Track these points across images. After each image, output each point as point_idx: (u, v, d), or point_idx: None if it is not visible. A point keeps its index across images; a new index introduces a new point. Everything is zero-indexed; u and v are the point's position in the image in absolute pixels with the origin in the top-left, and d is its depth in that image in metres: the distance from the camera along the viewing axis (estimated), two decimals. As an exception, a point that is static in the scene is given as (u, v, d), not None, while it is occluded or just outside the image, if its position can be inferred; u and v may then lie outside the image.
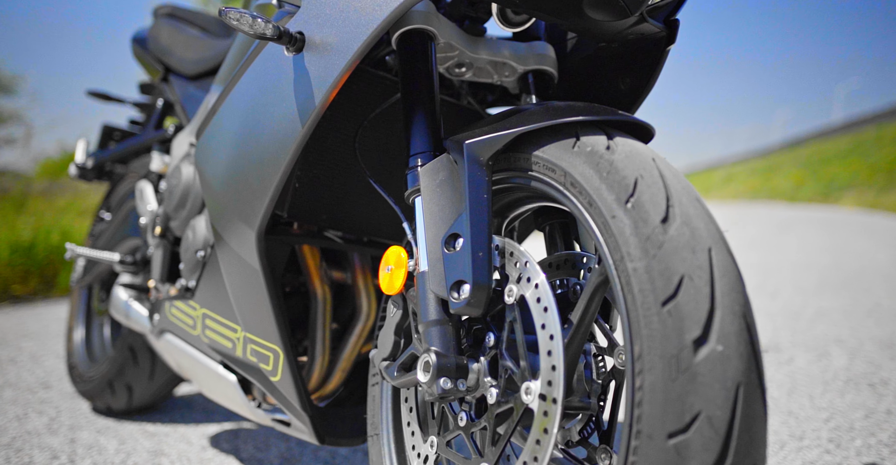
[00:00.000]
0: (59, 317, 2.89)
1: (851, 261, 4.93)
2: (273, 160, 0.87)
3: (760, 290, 3.53)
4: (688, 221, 0.62)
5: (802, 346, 2.25)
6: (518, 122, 0.75)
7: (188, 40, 1.46)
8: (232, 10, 0.78)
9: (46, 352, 2.25)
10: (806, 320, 2.69)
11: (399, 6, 0.73)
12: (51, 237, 3.59)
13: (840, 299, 3.23)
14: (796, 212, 16.63)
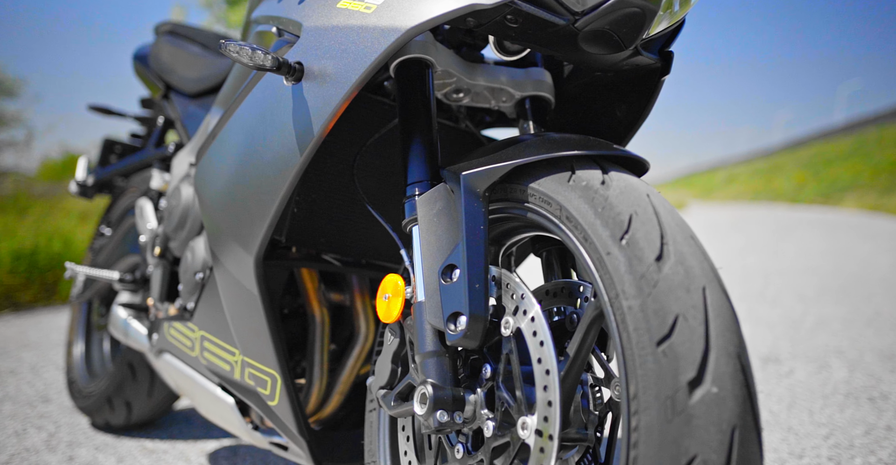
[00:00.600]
0: (60, 326, 2.89)
1: (852, 266, 4.92)
2: (271, 187, 0.88)
3: (761, 297, 3.52)
4: (682, 259, 0.62)
5: (802, 357, 2.24)
6: (514, 154, 0.75)
7: (189, 58, 1.47)
8: (231, 42, 0.78)
9: (46, 363, 2.25)
10: (806, 330, 2.69)
11: (398, 40, 0.73)
12: (52, 244, 3.59)
13: (840, 306, 3.22)
14: (797, 213, 16.61)
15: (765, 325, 2.80)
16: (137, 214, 1.40)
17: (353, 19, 0.78)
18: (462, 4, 0.71)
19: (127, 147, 1.73)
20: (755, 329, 2.72)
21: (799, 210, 19.67)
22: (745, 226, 11.07)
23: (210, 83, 1.36)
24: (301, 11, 0.87)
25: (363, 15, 0.77)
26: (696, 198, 36.40)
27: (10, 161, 13.50)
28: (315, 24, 0.83)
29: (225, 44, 0.79)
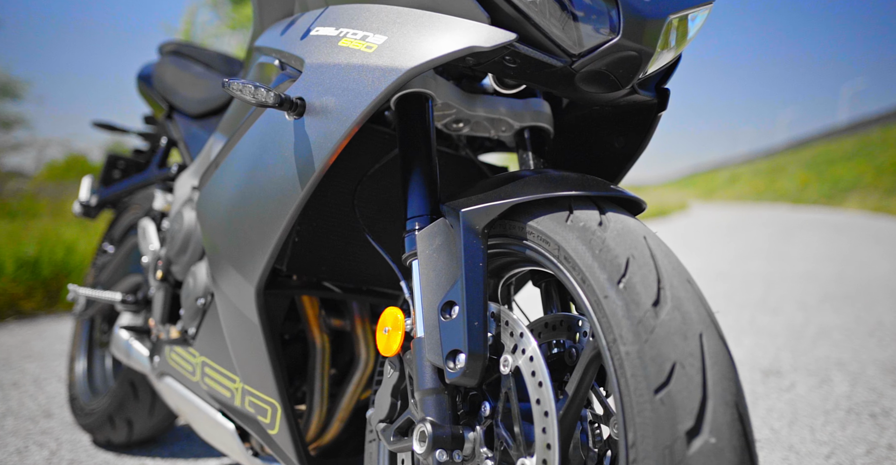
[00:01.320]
0: (63, 335, 2.90)
1: (855, 271, 4.91)
2: (273, 219, 0.88)
3: (763, 305, 3.52)
4: (679, 304, 0.62)
5: (804, 370, 2.24)
6: (513, 191, 0.76)
7: (192, 79, 1.48)
8: (235, 80, 0.79)
9: (49, 375, 2.26)
10: (808, 341, 2.69)
11: (398, 79, 0.74)
12: (56, 252, 3.60)
13: (842, 315, 3.22)
14: (800, 214, 16.59)
15: (766, 335, 2.80)
16: (140, 235, 1.41)
17: (355, 58, 0.79)
18: (461, 47, 0.72)
19: (130, 162, 1.74)
20: (757, 339, 2.72)
21: (801, 211, 19.64)
22: (747, 228, 11.06)
23: (213, 105, 1.37)
24: (304, 47, 0.87)
25: (364, 54, 0.78)
26: (698, 198, 36.36)
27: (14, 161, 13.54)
28: (317, 61, 0.83)
29: (228, 82, 0.79)
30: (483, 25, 0.72)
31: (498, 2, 0.72)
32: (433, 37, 0.74)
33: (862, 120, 33.39)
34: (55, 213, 6.73)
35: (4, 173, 13.36)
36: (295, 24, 0.95)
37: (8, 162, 13.90)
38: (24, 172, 17.69)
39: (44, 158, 11.77)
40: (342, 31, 0.83)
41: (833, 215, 16.08)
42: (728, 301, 3.65)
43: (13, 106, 12.43)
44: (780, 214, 17.65)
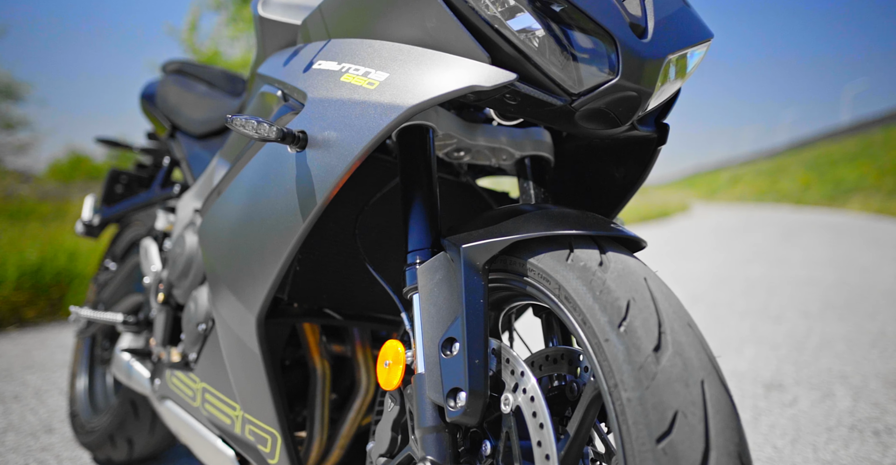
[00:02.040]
0: (64, 344, 2.90)
1: (857, 277, 4.90)
2: (274, 250, 0.88)
3: (764, 313, 3.51)
4: (680, 350, 0.62)
5: (806, 384, 2.23)
6: (514, 228, 0.76)
7: (195, 100, 1.48)
8: (237, 117, 0.80)
9: (51, 387, 2.26)
10: (810, 352, 2.68)
11: (399, 116, 0.74)
12: (58, 258, 3.60)
13: (845, 324, 3.21)
14: (802, 215, 16.55)
15: (769, 345, 2.79)
16: (142, 255, 1.41)
17: (357, 94, 0.79)
18: (462, 86, 0.72)
19: (132, 177, 1.74)
20: (759, 350, 2.71)
21: (804, 212, 19.60)
22: (748, 230, 11.04)
23: (216, 125, 1.37)
24: (306, 81, 0.87)
25: (366, 90, 0.78)
26: (700, 199, 36.31)
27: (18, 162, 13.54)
28: (319, 95, 0.83)
29: (231, 118, 0.80)
30: (483, 65, 0.72)
31: (498, 41, 0.72)
32: (434, 75, 0.74)
33: (864, 121, 33.31)
34: (59, 215, 6.74)
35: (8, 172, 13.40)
36: (298, 56, 0.95)
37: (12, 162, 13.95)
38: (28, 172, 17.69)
39: (48, 157, 11.82)
40: (344, 66, 0.83)
41: (835, 217, 16.06)
42: (730, 309, 3.64)
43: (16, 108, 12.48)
44: (782, 215, 17.63)
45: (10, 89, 12.32)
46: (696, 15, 0.80)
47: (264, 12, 1.10)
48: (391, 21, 0.80)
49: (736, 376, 2.31)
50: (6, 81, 12.17)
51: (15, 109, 12.61)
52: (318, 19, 0.93)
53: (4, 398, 2.13)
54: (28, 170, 16.75)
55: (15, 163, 14.00)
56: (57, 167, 24.73)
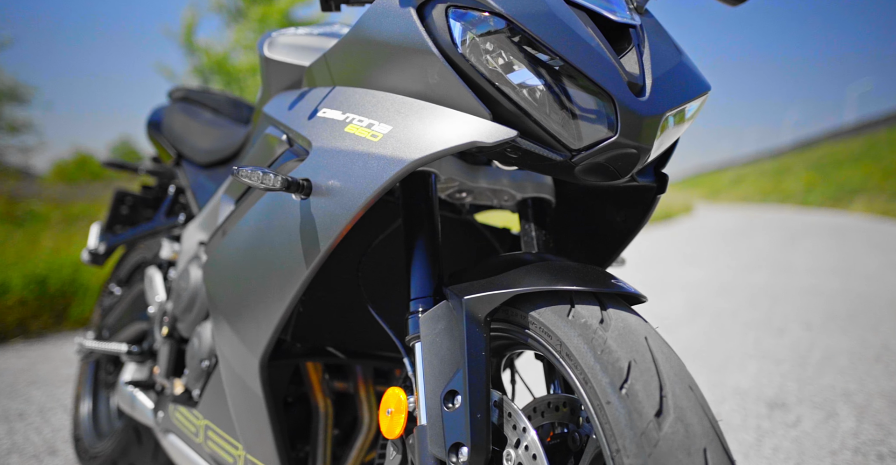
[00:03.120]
0: (69, 358, 2.92)
1: (860, 285, 4.89)
2: (277, 295, 0.89)
3: (767, 325, 3.51)
4: (682, 416, 0.62)
5: (809, 402, 2.23)
6: (515, 280, 0.76)
7: (201, 129, 1.49)
8: (243, 168, 0.80)
9: (55, 404, 2.27)
10: (813, 367, 2.67)
11: (402, 170, 0.74)
12: (63, 270, 3.62)
13: (848, 337, 3.20)
14: (806, 217, 16.50)
15: (772, 360, 2.79)
16: (147, 284, 1.42)
17: (361, 145, 0.79)
18: (464, 141, 0.72)
19: (138, 199, 1.75)
20: (762, 365, 2.71)
21: (808, 213, 19.54)
22: (752, 232, 11.01)
23: (221, 155, 1.38)
24: (311, 128, 0.88)
25: (370, 142, 0.79)
26: (703, 199, 36.23)
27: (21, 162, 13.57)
28: (324, 144, 0.84)
29: (237, 170, 0.81)
30: (485, 121, 0.72)
31: (498, 98, 0.73)
32: (436, 130, 0.74)
33: (869, 121, 33.18)
34: (64, 218, 6.76)
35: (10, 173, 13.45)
36: (303, 101, 0.95)
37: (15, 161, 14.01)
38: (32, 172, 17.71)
39: (52, 157, 11.91)
40: (349, 117, 0.84)
41: (839, 218, 16.01)
42: (733, 319, 3.64)
43: (21, 111, 12.53)
44: (785, 216, 17.58)
45: (15, 93, 12.36)
46: (693, 68, 0.81)
47: (270, 53, 1.11)
48: (394, 74, 0.81)
49: (739, 394, 2.31)
50: (11, 85, 12.20)
51: (20, 113, 12.67)
52: (322, 66, 0.93)
53: (9, 416, 2.14)
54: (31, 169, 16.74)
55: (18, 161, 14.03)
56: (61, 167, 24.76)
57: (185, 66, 13.77)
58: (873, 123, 33.01)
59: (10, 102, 12.58)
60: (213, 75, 13.19)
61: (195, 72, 13.55)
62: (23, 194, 8.44)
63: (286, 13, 13.21)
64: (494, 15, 0.72)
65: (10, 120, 12.48)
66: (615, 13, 0.76)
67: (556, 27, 0.70)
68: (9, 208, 6.88)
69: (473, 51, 0.73)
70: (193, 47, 13.05)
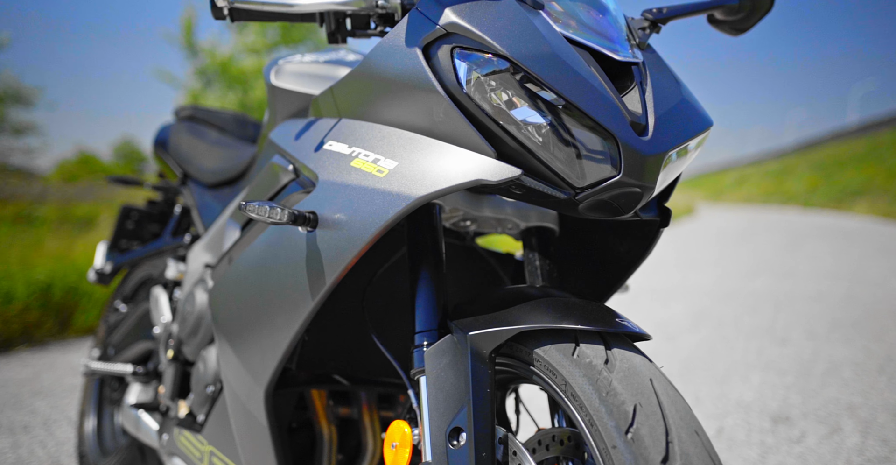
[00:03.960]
0: (73, 367, 2.92)
1: (864, 291, 4.88)
2: (283, 327, 0.89)
3: (771, 334, 3.50)
4: (688, 462, 0.63)
5: (813, 416, 2.23)
6: (520, 316, 0.77)
7: (207, 149, 1.50)
8: (251, 203, 0.81)
9: (59, 416, 2.27)
10: (817, 379, 2.67)
11: (407, 206, 0.75)
12: (68, 277, 3.62)
13: (852, 347, 3.20)
14: (809, 218, 16.45)
15: (775, 371, 2.78)
16: (152, 304, 1.42)
17: (367, 181, 0.80)
18: (469, 179, 0.73)
19: (143, 213, 1.76)
20: (766, 377, 2.70)
21: (810, 215, 19.49)
22: (754, 235, 10.99)
23: (226, 176, 1.39)
24: (317, 161, 0.88)
25: (376, 178, 0.79)
26: (706, 200, 36.16)
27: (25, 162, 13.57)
28: (330, 178, 0.85)
29: (245, 205, 0.81)
30: (490, 159, 0.73)
31: (503, 136, 0.73)
32: (441, 167, 0.75)
33: (872, 122, 33.07)
34: (68, 220, 6.77)
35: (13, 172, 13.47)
36: (310, 131, 0.96)
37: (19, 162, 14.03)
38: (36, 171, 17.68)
39: (56, 157, 11.98)
40: (355, 151, 0.84)
41: (842, 220, 15.97)
42: (736, 329, 3.63)
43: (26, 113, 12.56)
44: (788, 218, 17.55)
45: (19, 94, 12.40)
46: (694, 104, 0.81)
47: (277, 81, 1.12)
48: (400, 110, 0.81)
49: (743, 408, 2.31)
50: (15, 86, 12.23)
51: (24, 115, 12.70)
52: (329, 99, 0.94)
53: (14, 428, 2.15)
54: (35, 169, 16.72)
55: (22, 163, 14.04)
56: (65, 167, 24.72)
57: (187, 68, 13.82)
58: (877, 125, 32.92)
59: (15, 105, 12.61)
60: (217, 77, 13.21)
61: (198, 73, 13.58)
62: (27, 196, 8.45)
63: (288, 14, 13.21)
64: (498, 56, 0.72)
65: (14, 122, 12.50)
66: (617, 52, 0.77)
67: (558, 68, 0.71)
68: (13, 210, 6.90)
69: (478, 90, 0.74)
70: (194, 49, 13.07)
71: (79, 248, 4.39)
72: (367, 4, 0.85)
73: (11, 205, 7.17)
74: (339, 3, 0.85)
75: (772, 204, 28.62)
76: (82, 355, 3.11)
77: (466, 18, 0.75)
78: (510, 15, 0.75)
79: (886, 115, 32.33)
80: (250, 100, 12.98)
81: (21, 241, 4.30)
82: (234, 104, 13.13)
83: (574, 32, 0.76)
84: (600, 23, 0.80)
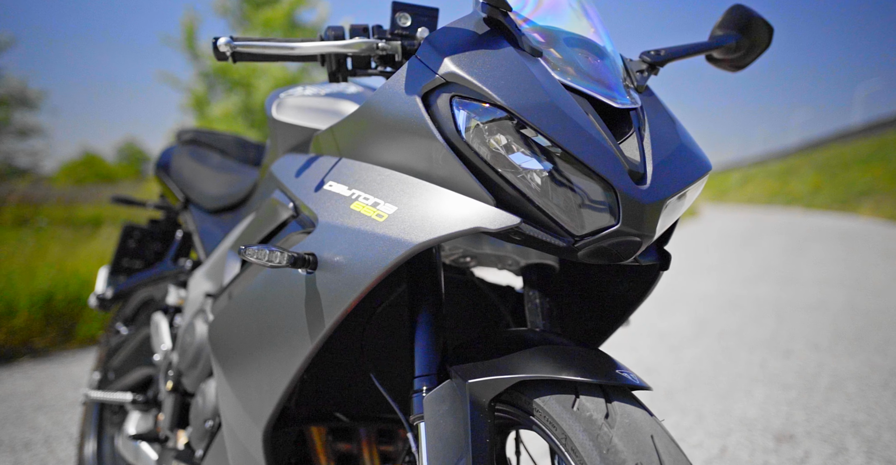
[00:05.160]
0: (77, 379, 2.93)
1: (868, 300, 4.86)
2: (282, 368, 0.89)
3: (773, 346, 3.49)
4: None
5: (818, 435, 2.22)
6: (520, 364, 0.77)
7: (209, 174, 1.51)
8: (250, 247, 0.81)
9: (61, 432, 2.28)
10: (820, 394, 2.65)
11: (406, 252, 0.75)
12: (70, 287, 3.63)
13: (856, 360, 3.18)
14: (813, 220, 16.39)
15: (779, 386, 2.77)
16: (153, 331, 1.42)
17: (366, 225, 0.80)
18: (467, 227, 0.73)
19: (145, 232, 1.76)
20: (769, 391, 2.69)
21: (815, 216, 19.41)
22: (759, 237, 10.95)
23: (229, 202, 1.39)
24: (317, 202, 0.88)
25: (375, 222, 0.79)
26: (710, 200, 36.06)
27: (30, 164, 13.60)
28: (330, 220, 0.84)
29: (244, 250, 0.81)
30: (488, 207, 0.73)
31: (501, 183, 0.73)
32: (441, 214, 0.75)
33: (877, 122, 32.92)
34: (72, 222, 6.78)
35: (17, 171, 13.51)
36: (310, 169, 0.96)
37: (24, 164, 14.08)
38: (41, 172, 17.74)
39: (61, 157, 12.07)
40: (354, 193, 0.84)
41: (846, 222, 15.91)
42: (739, 340, 3.62)
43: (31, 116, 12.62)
44: (792, 219, 17.49)
45: (24, 97, 12.46)
46: (693, 149, 0.81)
47: (278, 115, 1.12)
48: (400, 154, 0.81)
49: (746, 425, 2.30)
50: (20, 89, 12.29)
51: (29, 117, 12.75)
52: (330, 138, 0.94)
53: (15, 446, 2.15)
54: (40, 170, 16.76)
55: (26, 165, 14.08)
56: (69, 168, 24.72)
57: (190, 71, 13.84)
58: (881, 125, 32.77)
59: (20, 107, 12.67)
60: (220, 80, 13.23)
61: (201, 76, 13.62)
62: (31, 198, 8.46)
63: (290, 17, 13.25)
64: (497, 106, 0.72)
65: (19, 125, 12.56)
66: (615, 100, 0.77)
67: (556, 117, 0.71)
68: (15, 212, 6.91)
69: (476, 138, 0.73)
70: (196, 52, 13.11)
71: (80, 254, 4.40)
72: (367, 47, 0.86)
73: (15, 207, 7.18)
74: (340, 46, 0.86)
75: (776, 205, 28.52)
76: (85, 366, 3.11)
77: (465, 69, 0.75)
78: (509, 64, 0.75)
79: (891, 115, 32.16)
80: (254, 102, 13.01)
81: (22, 252, 4.30)
82: (237, 106, 13.16)
83: (572, 79, 0.76)
84: (598, 68, 0.80)
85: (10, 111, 12.34)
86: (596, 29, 0.85)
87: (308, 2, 13.35)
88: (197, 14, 13.20)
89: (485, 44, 0.78)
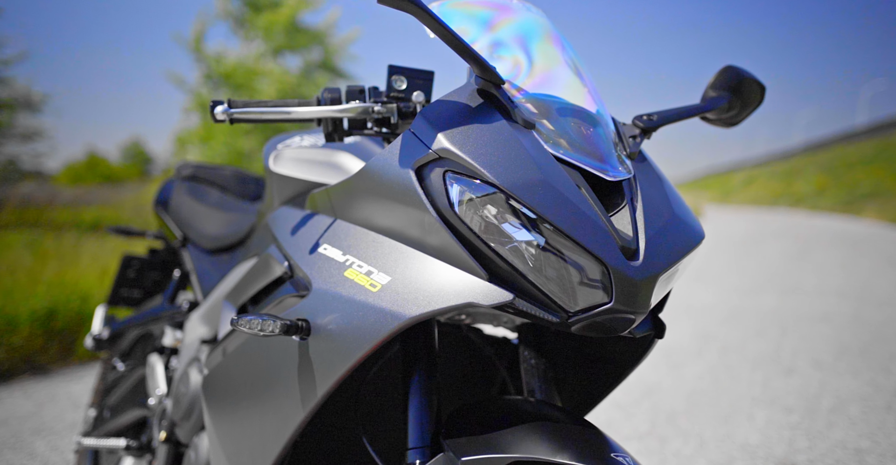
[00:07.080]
0: (76, 400, 2.92)
1: (872, 312, 4.83)
2: (275, 433, 0.89)
3: (776, 362, 3.47)
4: None
5: (821, 463, 2.20)
6: (514, 442, 0.76)
7: (207, 213, 1.51)
8: (243, 318, 0.81)
9: (58, 459, 2.27)
10: (823, 418, 2.64)
11: (399, 325, 0.75)
12: (71, 303, 3.63)
13: (859, 380, 3.16)
14: (817, 222, 16.33)
15: (781, 408, 2.75)
16: (148, 373, 1.42)
17: (359, 294, 0.79)
18: (460, 302, 0.73)
19: (144, 262, 1.76)
20: (771, 414, 2.67)
21: (819, 218, 19.35)
22: (762, 241, 10.92)
23: (227, 242, 1.40)
24: (310, 265, 0.88)
25: (368, 292, 0.78)
26: (714, 201, 35.99)
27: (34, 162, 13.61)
28: (323, 287, 0.84)
29: (236, 320, 0.81)
30: (482, 282, 0.73)
31: (495, 259, 0.73)
32: (434, 287, 0.74)
33: (882, 122, 32.80)
34: (75, 225, 6.78)
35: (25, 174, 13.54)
36: (306, 227, 0.96)
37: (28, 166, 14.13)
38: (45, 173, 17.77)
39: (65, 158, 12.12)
40: (349, 260, 0.84)
41: (851, 225, 15.85)
42: (741, 355, 3.60)
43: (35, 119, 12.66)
44: (796, 222, 17.44)
45: (29, 100, 12.51)
46: (686, 218, 0.81)
47: (275, 167, 1.14)
48: (394, 222, 0.81)
49: (748, 453, 2.28)
50: (25, 93, 12.35)
51: (34, 120, 12.80)
52: (325, 199, 0.94)
53: (14, 473, 2.15)
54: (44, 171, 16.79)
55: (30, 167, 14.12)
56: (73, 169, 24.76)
57: (195, 73, 13.88)
58: (886, 125, 32.66)
59: (24, 110, 12.73)
60: (223, 83, 13.27)
61: (205, 78, 13.66)
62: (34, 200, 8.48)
63: (292, 21, 13.26)
64: (488, 184, 0.71)
65: (23, 128, 12.61)
66: (607, 172, 0.77)
67: (548, 194, 0.71)
68: (17, 215, 6.93)
69: (469, 212, 0.73)
70: (203, 55, 13.17)
71: (83, 261, 4.40)
72: (363, 110, 0.86)
73: (19, 210, 7.20)
74: (336, 111, 0.86)
75: (780, 206, 28.43)
76: (85, 385, 3.11)
77: (458, 145, 0.74)
78: (501, 140, 0.75)
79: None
80: (252, 98, 13.05)
81: (23, 267, 4.29)
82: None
83: (565, 152, 0.76)
84: (591, 139, 0.80)
85: (13, 114, 12.39)
86: (590, 94, 0.85)
87: (311, 4, 13.36)
88: (208, 18, 13.29)
89: (478, 117, 0.77)
